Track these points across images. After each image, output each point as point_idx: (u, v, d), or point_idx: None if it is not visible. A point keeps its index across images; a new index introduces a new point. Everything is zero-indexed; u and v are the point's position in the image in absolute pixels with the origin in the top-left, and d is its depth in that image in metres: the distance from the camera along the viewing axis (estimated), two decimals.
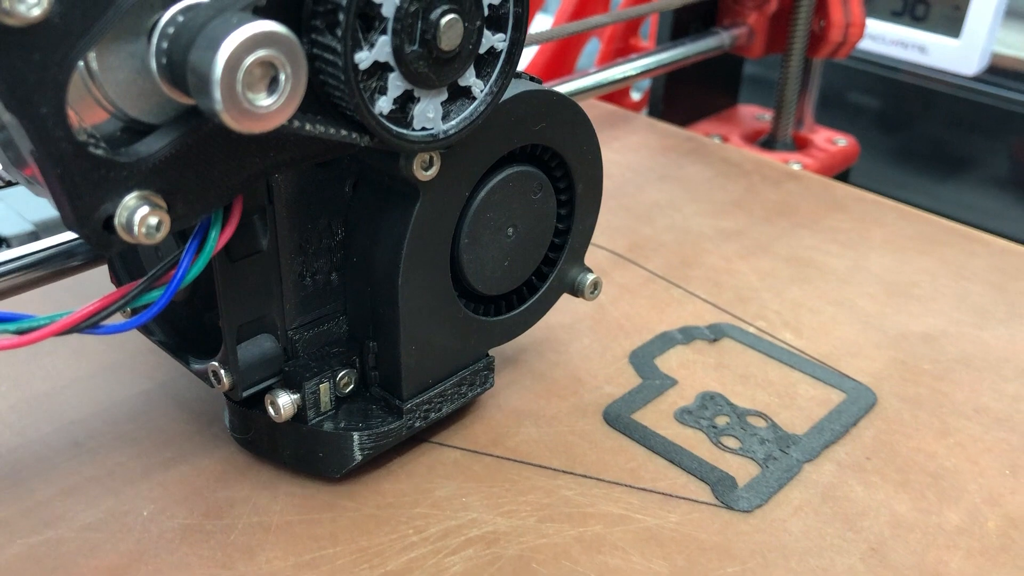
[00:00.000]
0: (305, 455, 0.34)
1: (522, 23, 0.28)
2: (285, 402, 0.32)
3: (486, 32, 0.28)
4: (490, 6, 0.27)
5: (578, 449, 0.37)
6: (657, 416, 0.38)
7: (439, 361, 0.34)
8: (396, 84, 0.27)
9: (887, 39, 0.82)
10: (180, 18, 0.23)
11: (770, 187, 0.58)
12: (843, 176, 0.74)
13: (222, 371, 0.31)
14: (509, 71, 0.29)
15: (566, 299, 0.39)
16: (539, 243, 0.36)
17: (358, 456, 0.33)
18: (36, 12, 0.21)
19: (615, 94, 0.76)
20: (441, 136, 0.28)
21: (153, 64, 0.23)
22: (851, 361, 0.42)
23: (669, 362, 0.42)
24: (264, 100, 0.22)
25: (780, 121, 0.71)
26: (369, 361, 0.34)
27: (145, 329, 0.35)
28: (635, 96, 0.81)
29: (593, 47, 0.81)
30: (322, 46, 0.25)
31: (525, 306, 0.36)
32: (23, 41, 0.21)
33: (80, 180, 0.23)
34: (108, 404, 0.38)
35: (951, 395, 0.40)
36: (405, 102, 0.27)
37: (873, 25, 0.80)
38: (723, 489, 0.35)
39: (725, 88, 0.78)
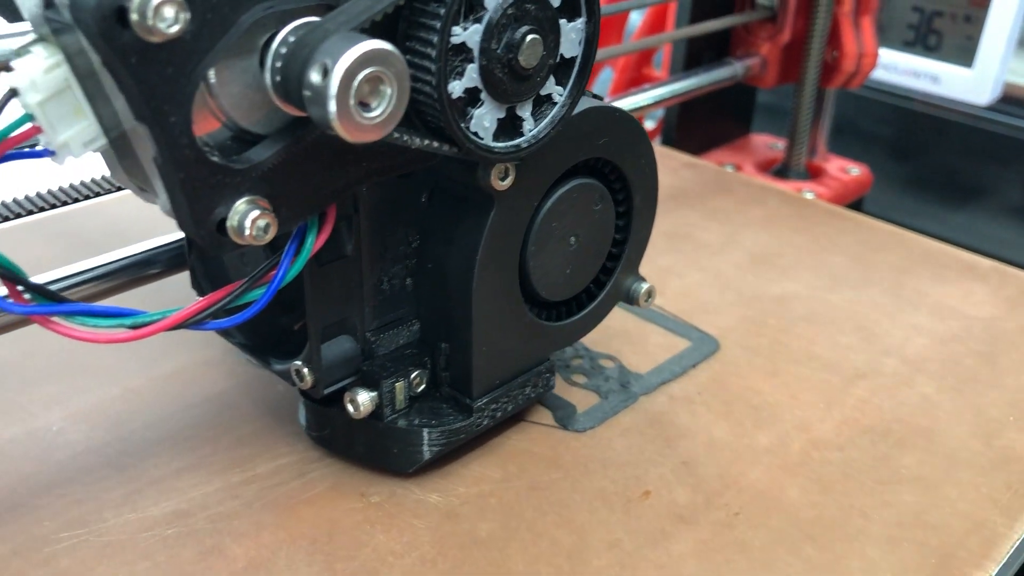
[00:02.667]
0: (379, 451, 0.36)
1: (593, 41, 0.31)
2: (364, 399, 0.34)
3: (563, 40, 0.30)
4: (566, 17, 0.30)
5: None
6: None
7: (506, 363, 0.36)
8: (492, 111, 0.29)
9: (900, 69, 0.83)
10: (292, 38, 0.25)
11: (668, 174, 0.64)
12: (856, 205, 0.75)
13: (305, 369, 0.33)
14: (580, 88, 0.31)
15: None
16: (598, 252, 0.38)
17: (429, 452, 0.35)
18: (174, 30, 0.23)
19: None
20: (524, 145, 0.31)
21: (268, 79, 0.25)
22: (704, 317, 0.47)
23: None
24: (372, 112, 0.24)
25: (793, 150, 0.72)
26: (440, 362, 0.36)
27: (225, 332, 0.37)
28: (649, 125, 0.81)
29: (607, 76, 0.82)
30: (417, 66, 0.27)
31: (584, 312, 0.38)
32: (160, 56, 0.23)
33: (199, 185, 0.25)
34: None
35: (789, 344, 0.45)
36: (499, 118, 0.30)
37: (886, 55, 0.81)
38: (563, 414, 0.40)
39: (738, 117, 0.79)
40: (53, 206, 0.49)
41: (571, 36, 0.30)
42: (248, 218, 0.26)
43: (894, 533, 0.34)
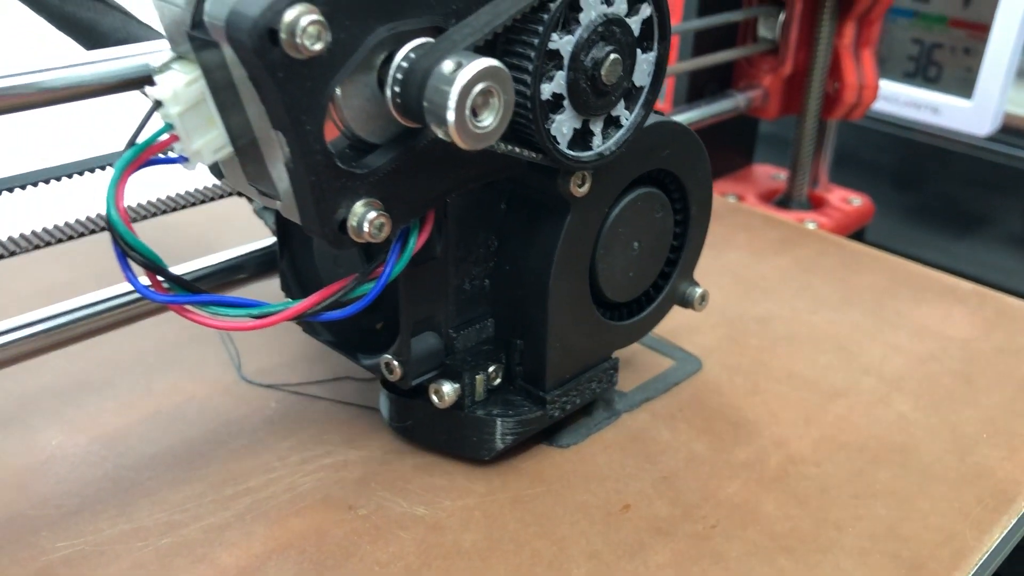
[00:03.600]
0: (458, 439, 0.38)
1: (661, 75, 0.34)
2: (448, 390, 0.36)
3: (636, 68, 0.33)
4: (641, 47, 0.33)
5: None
6: None
7: (576, 358, 0.39)
8: (571, 120, 0.32)
9: (900, 100, 0.83)
10: (412, 55, 0.28)
11: None
12: (858, 235, 0.75)
13: (395, 362, 0.36)
14: (645, 114, 0.34)
15: None
16: (657, 257, 0.40)
17: (506, 441, 0.38)
18: (317, 48, 0.25)
19: None
20: (607, 153, 0.34)
21: (388, 93, 0.28)
22: (689, 337, 0.48)
23: None
24: (483, 122, 0.27)
25: (795, 181, 0.73)
26: (515, 357, 0.38)
27: (312, 331, 0.40)
28: None
29: None
30: (514, 67, 0.30)
31: (643, 314, 0.41)
32: (302, 71, 0.26)
33: (326, 187, 0.28)
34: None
35: (769, 363, 0.46)
36: (581, 130, 0.33)
37: (886, 86, 0.82)
38: (548, 431, 0.41)
39: (740, 148, 0.80)
40: (145, 217, 0.52)
41: (643, 67, 0.34)
42: (366, 218, 0.29)
43: (866, 545, 0.35)
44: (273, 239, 0.42)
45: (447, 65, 0.27)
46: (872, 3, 0.66)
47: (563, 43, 0.30)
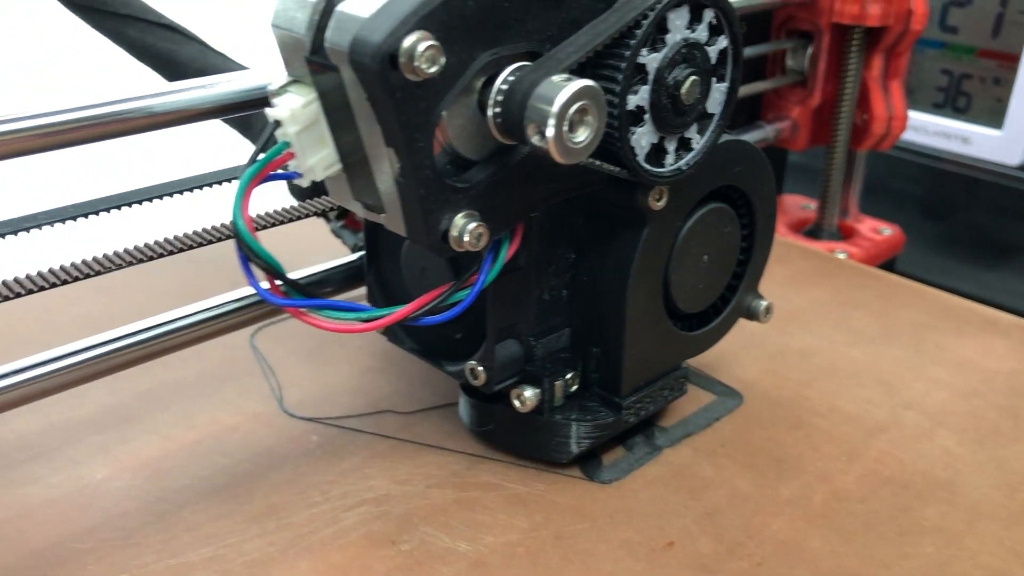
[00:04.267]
0: (537, 444, 0.40)
1: (735, 91, 0.36)
2: (529, 395, 0.38)
3: (710, 95, 0.35)
4: (716, 75, 0.35)
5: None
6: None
7: (650, 366, 0.41)
8: (649, 134, 0.34)
9: (930, 130, 0.84)
10: (511, 78, 0.30)
11: None
12: (889, 264, 0.75)
13: (480, 368, 0.38)
14: (722, 128, 0.36)
15: None
16: (725, 271, 0.42)
17: (582, 444, 0.40)
18: (432, 71, 0.28)
19: None
20: (684, 168, 0.35)
21: (489, 113, 0.30)
22: (729, 371, 0.48)
23: None
24: (579, 138, 0.30)
25: (825, 211, 0.72)
26: (591, 365, 0.40)
27: (396, 339, 0.42)
28: None
29: None
30: (604, 77, 0.32)
31: (712, 325, 0.43)
32: (417, 92, 0.28)
33: (433, 200, 0.30)
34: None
35: (810, 397, 0.46)
36: (658, 145, 0.35)
37: (916, 117, 0.81)
38: (590, 466, 0.41)
39: None
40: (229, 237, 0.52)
41: (716, 95, 0.36)
42: (467, 229, 0.31)
43: None
44: (353, 256, 0.44)
45: (547, 86, 0.29)
46: (900, 35, 0.66)
47: (650, 59, 0.32)
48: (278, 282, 0.34)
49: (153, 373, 0.47)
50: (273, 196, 0.42)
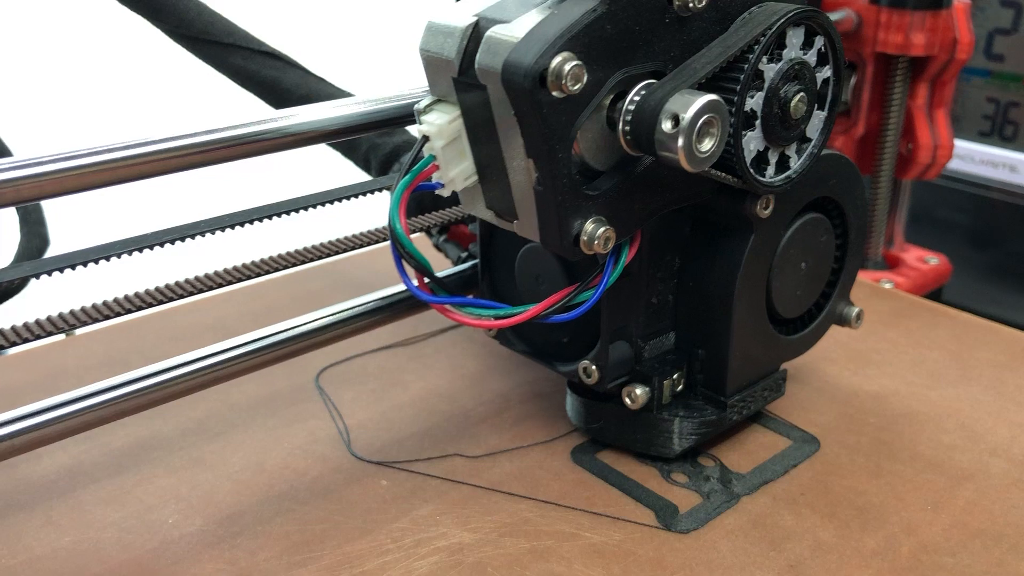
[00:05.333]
0: (647, 439, 0.42)
1: (831, 121, 0.38)
2: (640, 393, 0.40)
3: (810, 121, 0.38)
4: (820, 94, 0.38)
5: (544, 481, 0.42)
6: (619, 456, 0.44)
7: (752, 367, 0.43)
8: (757, 140, 0.36)
9: (976, 159, 0.84)
10: (641, 94, 0.33)
11: None
12: (935, 294, 0.74)
13: (593, 367, 0.40)
14: (822, 146, 0.38)
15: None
16: (820, 278, 0.44)
17: (689, 440, 0.42)
18: (576, 88, 0.31)
19: None
20: (794, 176, 0.38)
21: (620, 126, 0.33)
22: (802, 414, 0.47)
23: None
24: (704, 147, 0.32)
25: (871, 240, 0.72)
26: (696, 366, 0.42)
27: (507, 342, 0.45)
28: None
29: None
30: (724, 89, 0.34)
31: (807, 330, 0.45)
32: (561, 107, 0.31)
33: (568, 207, 0.33)
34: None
35: (890, 443, 0.45)
36: (761, 155, 0.37)
37: (962, 145, 0.81)
38: (666, 515, 0.40)
39: None
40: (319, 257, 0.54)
41: (815, 122, 0.38)
42: (596, 234, 0.34)
43: None
44: (456, 268, 0.48)
45: (677, 100, 0.32)
46: (945, 64, 0.66)
47: (768, 68, 0.35)
48: (426, 280, 0.37)
49: (221, 415, 0.47)
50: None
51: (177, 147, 0.34)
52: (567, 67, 0.30)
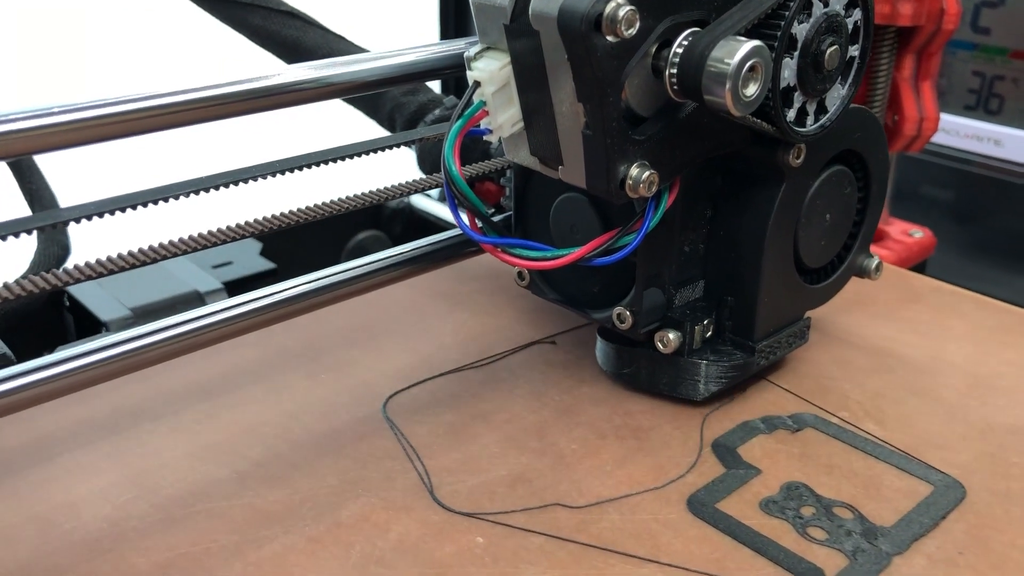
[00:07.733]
0: (678, 382, 0.43)
1: (867, 51, 0.39)
2: (673, 337, 0.41)
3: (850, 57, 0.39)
4: (852, 39, 0.38)
5: (662, 538, 0.36)
6: (742, 506, 0.38)
7: (780, 314, 0.44)
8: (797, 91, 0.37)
9: (961, 132, 0.84)
10: (685, 43, 0.34)
11: None
12: (919, 268, 0.74)
13: (627, 312, 0.41)
14: (856, 86, 0.39)
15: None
16: (843, 230, 0.45)
17: (719, 383, 0.43)
18: (629, 33, 0.31)
19: None
20: (827, 124, 0.39)
21: (666, 73, 0.34)
22: (937, 453, 0.42)
23: (752, 451, 0.41)
24: (749, 91, 0.33)
25: None
26: (724, 313, 0.43)
27: (539, 291, 0.46)
28: None
29: None
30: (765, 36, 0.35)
31: (830, 280, 0.46)
32: (614, 52, 0.32)
33: (616, 150, 0.34)
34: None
35: None
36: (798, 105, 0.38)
37: (947, 119, 0.81)
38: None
39: None
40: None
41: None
42: (641, 178, 0.35)
43: None
44: (504, 214, 0.48)
45: (723, 46, 0.33)
46: (932, 35, 0.65)
47: (799, 28, 0.36)
48: (478, 222, 0.39)
49: (282, 455, 0.41)
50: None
51: (218, 95, 0.35)
52: (621, 12, 0.31)
